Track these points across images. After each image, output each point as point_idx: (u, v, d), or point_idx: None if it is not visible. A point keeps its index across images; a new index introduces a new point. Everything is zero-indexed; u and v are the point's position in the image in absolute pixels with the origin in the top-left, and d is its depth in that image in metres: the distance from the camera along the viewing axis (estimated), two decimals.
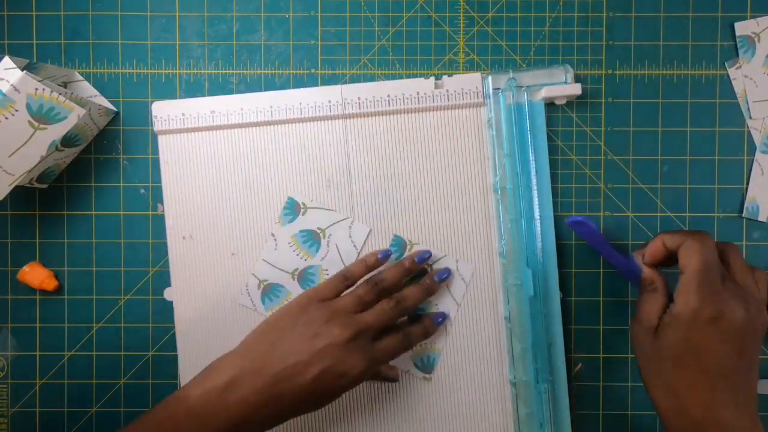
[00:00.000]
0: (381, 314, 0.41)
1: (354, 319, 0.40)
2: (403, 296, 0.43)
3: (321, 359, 0.38)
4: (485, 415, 0.47)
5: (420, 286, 0.44)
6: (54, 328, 0.48)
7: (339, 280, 0.43)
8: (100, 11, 0.48)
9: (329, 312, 0.40)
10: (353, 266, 0.44)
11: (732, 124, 0.48)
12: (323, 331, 0.38)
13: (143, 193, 0.48)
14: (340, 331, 0.38)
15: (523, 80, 0.47)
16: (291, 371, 0.37)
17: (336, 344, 0.38)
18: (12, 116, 0.40)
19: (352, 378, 0.38)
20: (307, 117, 0.47)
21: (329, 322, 0.39)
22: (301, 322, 0.39)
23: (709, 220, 0.48)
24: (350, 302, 0.41)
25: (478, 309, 0.47)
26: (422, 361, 0.47)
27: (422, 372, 0.47)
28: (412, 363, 0.47)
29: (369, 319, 0.40)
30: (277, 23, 0.48)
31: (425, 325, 0.45)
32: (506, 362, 0.47)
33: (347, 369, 0.38)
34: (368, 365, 0.39)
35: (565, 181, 0.48)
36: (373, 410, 0.47)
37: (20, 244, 0.48)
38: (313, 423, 0.47)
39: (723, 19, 0.48)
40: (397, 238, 0.47)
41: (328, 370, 0.38)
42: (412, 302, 0.43)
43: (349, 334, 0.38)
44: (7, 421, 0.48)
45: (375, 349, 0.40)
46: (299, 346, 0.38)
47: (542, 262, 0.46)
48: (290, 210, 0.47)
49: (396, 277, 0.43)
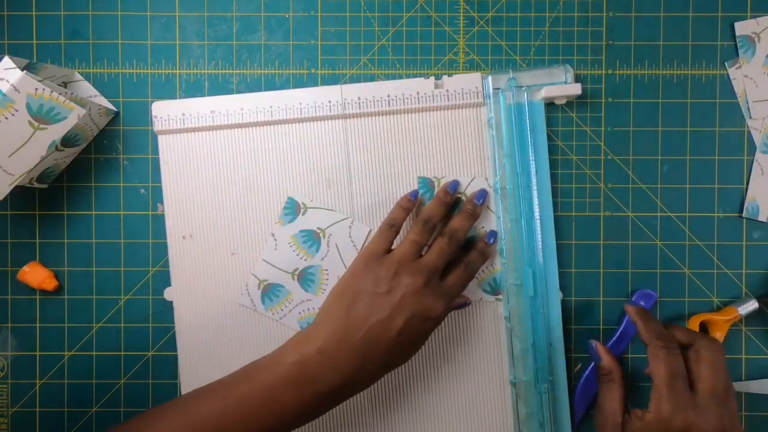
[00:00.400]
0: (440, 253, 0.42)
1: (419, 265, 0.41)
2: (453, 229, 0.44)
3: (402, 311, 0.39)
4: (485, 414, 0.47)
5: (464, 214, 0.45)
6: (54, 328, 0.48)
7: (386, 231, 0.43)
8: (100, 11, 0.48)
9: (394, 265, 0.40)
10: (393, 213, 0.44)
11: (732, 124, 0.48)
12: (395, 284, 0.39)
13: (143, 193, 0.48)
14: (412, 280, 0.39)
15: (523, 80, 0.47)
16: (376, 331, 0.38)
17: (411, 293, 0.39)
18: (12, 116, 0.40)
19: (435, 319, 0.40)
20: (307, 117, 0.47)
21: (398, 275, 0.40)
22: (371, 282, 0.40)
23: (709, 220, 0.48)
24: (409, 250, 0.42)
25: (478, 309, 0.47)
26: (490, 286, 0.47)
27: (493, 295, 0.47)
28: (481, 290, 0.47)
29: (432, 260, 0.41)
30: (277, 23, 0.48)
31: (480, 249, 0.45)
32: (506, 362, 0.47)
33: (429, 312, 0.39)
34: (446, 303, 0.40)
35: (565, 181, 0.48)
36: (373, 410, 0.47)
37: (20, 244, 0.48)
38: (313, 423, 0.47)
39: (723, 19, 0.48)
40: (422, 180, 0.47)
41: (411, 319, 0.39)
42: (463, 232, 0.44)
43: (421, 280, 0.40)
44: (7, 421, 0.48)
45: (446, 287, 0.42)
46: (377, 305, 0.39)
47: (542, 262, 0.46)
48: (290, 210, 0.47)
49: (439, 211, 0.44)
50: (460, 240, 0.44)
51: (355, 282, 0.41)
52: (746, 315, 0.46)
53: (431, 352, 0.47)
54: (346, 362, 0.38)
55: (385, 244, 0.43)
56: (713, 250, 0.48)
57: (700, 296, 0.48)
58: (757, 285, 0.48)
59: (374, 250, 0.42)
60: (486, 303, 0.47)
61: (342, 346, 0.38)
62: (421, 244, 0.42)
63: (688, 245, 0.48)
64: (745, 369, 0.48)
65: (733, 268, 0.48)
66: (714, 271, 0.48)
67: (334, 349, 0.38)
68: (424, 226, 0.43)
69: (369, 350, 0.38)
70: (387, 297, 0.39)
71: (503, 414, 0.47)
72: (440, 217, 0.44)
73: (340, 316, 0.39)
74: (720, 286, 0.48)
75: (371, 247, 0.42)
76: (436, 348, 0.47)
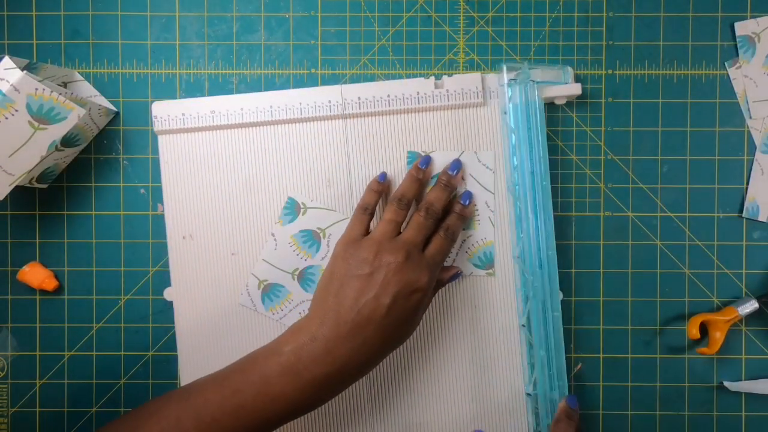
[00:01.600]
0: (418, 227, 0.42)
1: (398, 242, 0.41)
2: (428, 202, 0.44)
3: (387, 289, 0.39)
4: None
5: (439, 185, 0.45)
6: (54, 328, 0.48)
7: (361, 215, 0.44)
8: (100, 11, 0.48)
9: (374, 245, 0.41)
10: (365, 197, 0.45)
11: (732, 124, 0.48)
12: (377, 264, 0.40)
13: (143, 193, 0.48)
14: (393, 257, 0.40)
15: (535, 75, 0.46)
16: (366, 311, 0.38)
17: (394, 270, 0.39)
18: (12, 116, 0.40)
19: (422, 290, 0.40)
20: (307, 117, 0.47)
21: (378, 254, 0.40)
22: (353, 266, 0.40)
23: (709, 220, 0.48)
24: (386, 229, 0.42)
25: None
26: (480, 260, 0.47)
27: (484, 270, 0.47)
28: (471, 265, 0.47)
29: (410, 235, 0.42)
30: (277, 23, 0.48)
31: (458, 212, 0.45)
32: (520, 373, 0.47)
33: (414, 284, 0.40)
34: (430, 273, 0.41)
35: (565, 181, 0.48)
36: (372, 401, 0.47)
37: (20, 244, 0.48)
38: (313, 423, 0.47)
39: (723, 19, 0.48)
40: (411, 154, 0.47)
41: (398, 295, 0.39)
42: (439, 203, 0.44)
43: (401, 255, 0.40)
44: (7, 421, 0.48)
45: (428, 257, 0.42)
46: (363, 287, 0.39)
47: (543, 262, 0.46)
48: (290, 210, 0.47)
49: (412, 187, 0.44)
50: (437, 212, 0.43)
51: (338, 268, 0.41)
52: (746, 315, 0.46)
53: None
54: (340, 347, 0.38)
55: (362, 228, 0.43)
56: (713, 250, 0.48)
57: (700, 296, 0.48)
58: (757, 285, 0.48)
59: (352, 234, 0.43)
60: (476, 278, 0.47)
61: (335, 331, 0.38)
62: (398, 222, 0.43)
63: (688, 245, 0.48)
64: (745, 369, 0.48)
65: (733, 268, 0.48)
66: (714, 271, 0.48)
67: (327, 335, 0.38)
68: (398, 204, 0.43)
69: (362, 332, 0.38)
70: (371, 277, 0.39)
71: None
72: (414, 194, 0.44)
73: (329, 303, 0.40)
74: (720, 286, 0.48)
75: (349, 233, 0.43)
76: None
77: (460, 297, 0.47)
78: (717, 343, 0.46)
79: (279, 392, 0.37)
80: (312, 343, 0.38)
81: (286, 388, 0.37)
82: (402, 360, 0.47)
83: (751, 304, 0.46)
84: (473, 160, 0.47)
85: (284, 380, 0.37)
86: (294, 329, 0.40)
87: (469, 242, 0.47)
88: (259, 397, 0.37)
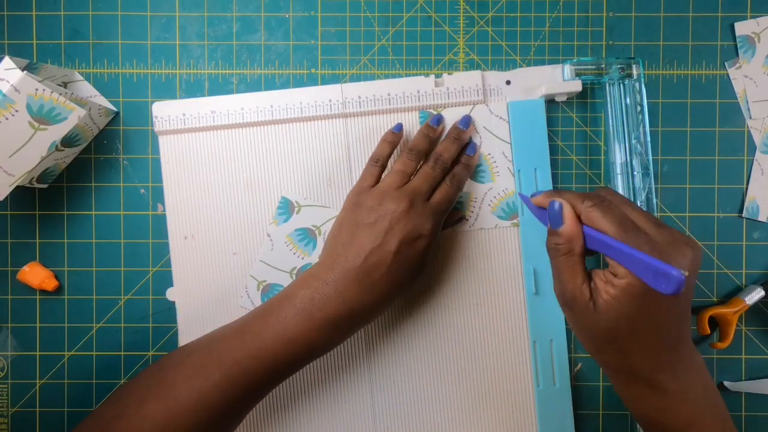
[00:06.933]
0: (425, 176, 0.43)
1: (403, 190, 0.42)
2: (437, 153, 0.44)
3: (391, 235, 0.40)
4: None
5: (449, 138, 0.45)
6: (54, 328, 0.48)
7: (372, 166, 0.44)
8: (100, 11, 0.48)
9: (380, 194, 0.42)
10: (378, 148, 0.45)
11: (732, 124, 0.48)
12: (382, 212, 0.41)
13: (143, 193, 0.48)
14: (396, 205, 0.41)
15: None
16: (374, 258, 0.40)
17: (398, 218, 0.40)
18: (12, 117, 0.40)
19: (427, 236, 0.41)
20: (307, 116, 0.47)
21: (383, 202, 0.41)
22: (361, 215, 0.41)
23: (709, 220, 0.48)
24: (394, 179, 0.43)
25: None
26: (504, 211, 0.47)
27: (509, 220, 0.47)
28: (495, 217, 0.47)
29: (416, 183, 0.42)
30: (277, 23, 0.48)
31: (464, 162, 0.45)
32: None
33: (418, 231, 0.40)
34: (434, 220, 0.41)
35: (565, 181, 0.48)
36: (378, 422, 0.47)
37: (20, 244, 0.48)
38: (313, 423, 0.47)
39: (723, 19, 0.48)
40: (423, 113, 0.47)
41: (402, 242, 0.40)
42: (448, 154, 0.44)
43: (405, 203, 0.41)
44: (7, 421, 0.48)
45: (433, 204, 0.42)
46: (369, 234, 0.40)
47: (542, 262, 0.46)
48: (284, 209, 0.47)
49: (423, 142, 0.45)
50: (445, 163, 0.44)
51: (347, 217, 0.42)
52: (753, 304, 0.46)
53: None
54: (350, 289, 0.39)
55: (372, 179, 0.44)
56: (713, 250, 0.48)
57: (700, 296, 0.48)
58: None
59: (362, 185, 0.44)
60: (502, 228, 0.47)
61: (345, 275, 0.40)
62: (407, 173, 0.43)
63: None
64: (745, 369, 0.48)
65: (733, 268, 0.48)
66: (714, 271, 0.48)
67: (338, 279, 0.40)
68: (409, 155, 0.44)
69: (370, 276, 0.40)
70: (376, 225, 0.40)
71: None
72: (425, 148, 0.45)
73: (339, 250, 0.41)
74: (720, 286, 0.48)
75: (360, 183, 0.44)
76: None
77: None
78: (729, 335, 0.46)
79: (295, 333, 0.39)
80: (324, 287, 0.39)
81: (301, 328, 0.39)
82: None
83: (757, 293, 0.46)
84: (486, 113, 0.47)
85: (299, 321, 0.39)
86: (306, 276, 0.41)
87: (491, 195, 0.47)
88: (277, 338, 0.39)
